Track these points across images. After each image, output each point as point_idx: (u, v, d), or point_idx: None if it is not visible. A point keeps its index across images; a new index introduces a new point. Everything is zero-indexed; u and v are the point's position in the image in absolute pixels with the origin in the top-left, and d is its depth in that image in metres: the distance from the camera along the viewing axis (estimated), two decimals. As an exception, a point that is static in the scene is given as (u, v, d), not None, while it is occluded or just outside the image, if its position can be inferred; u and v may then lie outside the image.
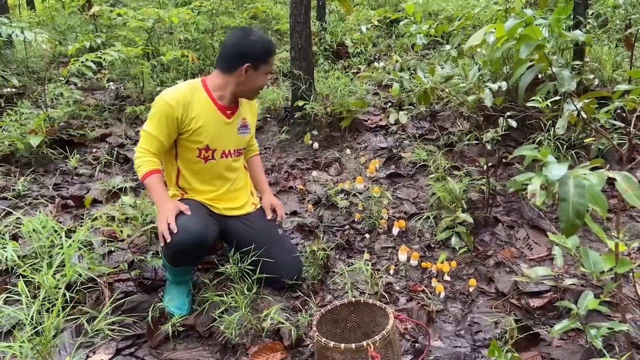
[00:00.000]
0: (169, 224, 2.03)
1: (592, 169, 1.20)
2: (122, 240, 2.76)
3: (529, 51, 1.29)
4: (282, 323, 2.07)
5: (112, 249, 2.61)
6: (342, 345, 1.67)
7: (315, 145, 3.96)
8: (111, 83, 5.59)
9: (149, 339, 2.06)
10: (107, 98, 5.16)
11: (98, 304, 2.26)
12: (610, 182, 1.12)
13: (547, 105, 2.60)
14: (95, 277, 2.33)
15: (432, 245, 2.69)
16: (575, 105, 1.47)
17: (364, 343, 1.65)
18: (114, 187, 2.96)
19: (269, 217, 2.46)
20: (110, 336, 2.09)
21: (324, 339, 1.71)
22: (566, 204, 1.07)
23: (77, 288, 2.25)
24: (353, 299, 1.99)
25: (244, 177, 2.51)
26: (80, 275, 2.23)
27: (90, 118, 4.58)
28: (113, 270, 2.41)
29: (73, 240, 2.06)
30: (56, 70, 5.87)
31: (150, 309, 2.14)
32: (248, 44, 2.18)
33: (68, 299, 1.99)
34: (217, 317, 2.09)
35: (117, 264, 2.51)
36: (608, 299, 2.06)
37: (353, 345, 1.66)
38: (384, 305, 1.91)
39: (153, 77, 5.34)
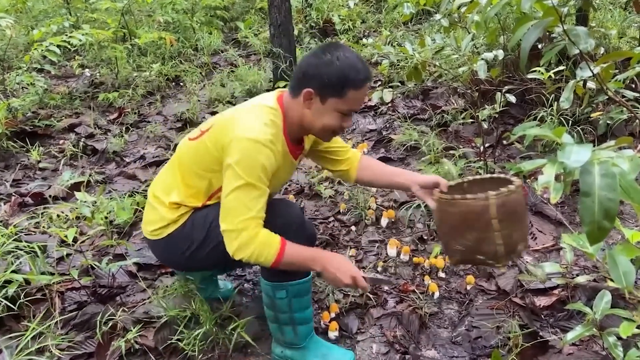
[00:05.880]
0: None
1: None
2: (83, 242, 2.49)
3: (532, 1, 1.00)
4: (252, 339, 1.81)
5: (66, 252, 2.32)
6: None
7: (300, 129, 3.67)
8: (86, 70, 5.27)
9: (98, 358, 1.80)
10: (81, 85, 4.85)
11: (48, 317, 2.00)
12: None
13: (550, 76, 2.31)
14: (44, 287, 2.06)
15: (425, 237, 2.42)
16: (591, 70, 1.19)
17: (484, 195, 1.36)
18: (60, 184, 2.65)
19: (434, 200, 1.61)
20: (57, 356, 1.82)
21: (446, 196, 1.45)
22: (590, 200, 0.79)
23: (21, 301, 1.97)
24: (478, 176, 1.68)
25: None
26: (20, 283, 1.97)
27: (59, 107, 4.27)
28: (65, 277, 2.14)
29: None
30: (28, 57, 5.54)
31: (99, 319, 1.86)
32: (318, 63, 1.51)
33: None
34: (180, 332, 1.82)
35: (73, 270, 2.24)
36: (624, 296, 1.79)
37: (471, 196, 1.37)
38: (510, 177, 1.56)
39: (129, 61, 5.01)
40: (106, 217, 2.51)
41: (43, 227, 2.39)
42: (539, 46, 3.01)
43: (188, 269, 1.89)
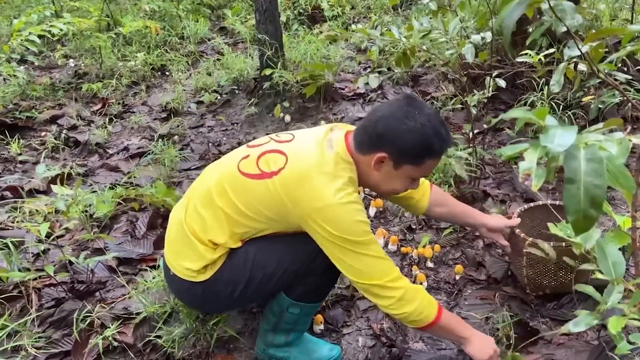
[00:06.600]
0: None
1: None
2: (61, 236, 2.42)
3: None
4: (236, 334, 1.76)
5: (43, 248, 2.24)
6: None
7: (287, 118, 3.60)
8: (70, 60, 5.16)
9: (75, 357, 1.74)
10: (64, 76, 4.74)
11: (24, 314, 1.93)
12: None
13: (540, 59, 2.24)
14: (20, 284, 2.00)
15: (414, 227, 2.36)
16: (579, 49, 1.12)
17: None
18: (38, 178, 2.58)
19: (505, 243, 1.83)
20: (33, 354, 1.76)
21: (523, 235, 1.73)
22: (575, 187, 0.73)
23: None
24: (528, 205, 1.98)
25: None
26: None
27: (42, 99, 4.17)
28: (43, 274, 2.06)
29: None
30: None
31: (76, 316, 1.80)
32: (398, 129, 1.37)
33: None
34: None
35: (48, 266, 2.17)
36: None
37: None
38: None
39: (114, 51, 4.91)
40: (86, 211, 2.45)
41: (17, 222, 2.31)
42: (530, 30, 2.94)
43: (231, 310, 1.81)
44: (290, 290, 1.52)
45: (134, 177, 2.87)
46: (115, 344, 1.76)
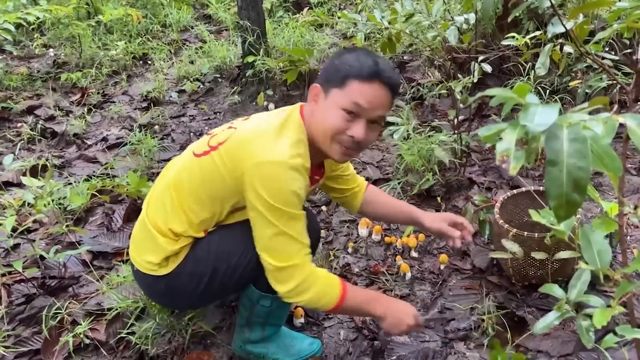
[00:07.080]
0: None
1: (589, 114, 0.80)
2: (35, 230, 2.35)
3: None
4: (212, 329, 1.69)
5: (13, 242, 2.16)
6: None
7: (271, 106, 3.52)
8: (50, 50, 5.03)
9: (45, 355, 1.67)
10: (43, 66, 4.62)
11: (-6, 311, 1.86)
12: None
13: (526, 42, 2.18)
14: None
15: (398, 216, 2.30)
16: (563, 25, 1.06)
17: None
18: (9, 169, 2.49)
19: (457, 244, 1.61)
20: (2, 354, 1.69)
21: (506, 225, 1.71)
22: (557, 169, 0.67)
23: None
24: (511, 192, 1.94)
25: None
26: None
27: (19, 89, 4.06)
28: (14, 269, 1.99)
29: None
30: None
31: (45, 313, 1.73)
32: (331, 59, 1.38)
33: None
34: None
35: (24, 260, 2.09)
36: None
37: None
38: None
39: (94, 40, 4.78)
40: (61, 204, 2.37)
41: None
42: (517, 14, 2.88)
43: (199, 306, 1.69)
44: (258, 282, 1.45)
45: (112, 168, 2.79)
46: (87, 341, 1.70)
